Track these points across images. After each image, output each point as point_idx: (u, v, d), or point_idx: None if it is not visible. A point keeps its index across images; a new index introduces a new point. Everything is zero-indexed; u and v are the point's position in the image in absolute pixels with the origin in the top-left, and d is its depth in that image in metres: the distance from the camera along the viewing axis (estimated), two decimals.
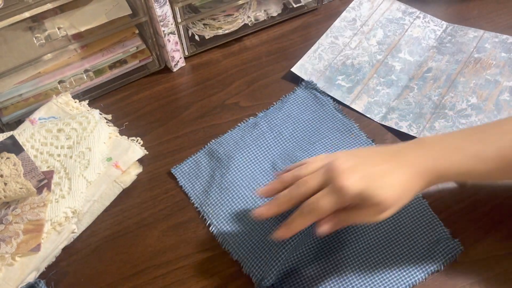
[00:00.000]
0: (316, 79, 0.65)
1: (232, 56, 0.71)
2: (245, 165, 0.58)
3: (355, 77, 0.65)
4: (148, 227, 0.54)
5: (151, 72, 0.69)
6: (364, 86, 0.64)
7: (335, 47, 0.69)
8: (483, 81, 0.63)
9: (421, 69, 0.66)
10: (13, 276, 0.49)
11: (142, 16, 0.61)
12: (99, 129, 0.57)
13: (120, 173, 0.56)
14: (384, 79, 0.65)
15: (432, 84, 0.64)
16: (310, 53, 0.68)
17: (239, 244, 0.52)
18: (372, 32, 0.71)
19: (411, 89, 0.64)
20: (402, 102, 0.62)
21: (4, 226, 0.50)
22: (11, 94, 0.59)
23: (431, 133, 0.59)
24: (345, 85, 0.65)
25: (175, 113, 0.65)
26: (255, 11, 0.72)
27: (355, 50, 0.69)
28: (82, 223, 0.54)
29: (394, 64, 0.67)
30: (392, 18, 0.72)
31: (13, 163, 0.52)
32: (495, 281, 0.49)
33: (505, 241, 0.51)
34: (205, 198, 0.56)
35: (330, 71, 0.66)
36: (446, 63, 0.66)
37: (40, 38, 0.57)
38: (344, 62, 0.67)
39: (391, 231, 0.52)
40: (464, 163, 0.42)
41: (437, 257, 0.49)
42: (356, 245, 0.51)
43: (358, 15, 0.73)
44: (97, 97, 0.67)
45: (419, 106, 0.62)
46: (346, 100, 0.63)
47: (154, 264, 0.52)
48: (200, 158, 0.59)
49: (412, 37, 0.70)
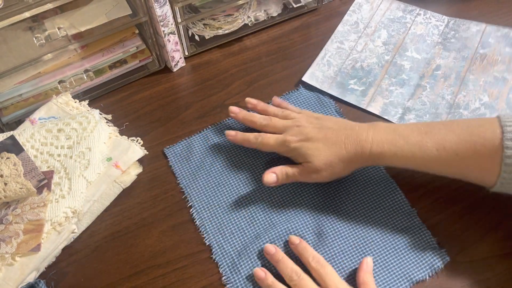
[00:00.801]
0: (328, 86, 0.65)
1: (232, 56, 0.71)
2: (236, 155, 0.59)
3: (366, 80, 0.65)
4: (148, 227, 0.54)
5: (151, 72, 0.69)
6: (377, 87, 0.64)
7: (342, 52, 0.69)
8: (491, 78, 0.63)
9: (430, 66, 0.66)
10: (13, 276, 0.49)
11: (142, 16, 0.61)
12: (99, 129, 0.57)
13: (120, 173, 0.56)
14: (395, 79, 0.65)
15: (443, 83, 0.64)
16: (318, 60, 0.68)
17: (215, 229, 0.53)
18: (376, 34, 0.70)
19: (424, 88, 0.64)
20: (417, 102, 0.62)
21: (4, 226, 0.50)
22: (11, 94, 0.59)
23: None
24: (358, 89, 0.64)
25: (175, 113, 0.65)
26: (255, 11, 0.72)
27: (362, 52, 0.68)
28: (82, 223, 0.54)
29: (403, 63, 0.67)
30: (393, 17, 0.72)
31: (13, 163, 0.52)
32: (495, 281, 0.49)
33: (505, 241, 0.51)
34: (192, 181, 0.57)
35: (341, 76, 0.66)
36: (453, 60, 0.66)
37: (40, 38, 0.57)
38: (354, 66, 0.67)
39: (378, 239, 0.51)
40: (405, 149, 0.48)
41: (422, 266, 0.49)
42: (341, 254, 0.51)
43: (360, 18, 0.73)
44: (97, 97, 0.67)
45: (434, 105, 0.62)
46: (361, 103, 0.63)
47: (154, 264, 0.52)
48: (193, 141, 0.61)
49: (416, 35, 0.70)
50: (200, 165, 0.59)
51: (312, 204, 0.54)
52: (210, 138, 0.61)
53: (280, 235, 0.52)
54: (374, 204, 0.54)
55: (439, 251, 0.50)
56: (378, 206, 0.54)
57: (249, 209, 0.54)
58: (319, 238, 0.52)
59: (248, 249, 0.51)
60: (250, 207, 0.55)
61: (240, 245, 0.52)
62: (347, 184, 0.56)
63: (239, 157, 0.59)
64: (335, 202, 0.54)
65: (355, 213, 0.53)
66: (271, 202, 0.55)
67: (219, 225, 0.54)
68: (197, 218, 0.54)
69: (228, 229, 0.53)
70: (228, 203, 0.55)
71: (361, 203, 0.54)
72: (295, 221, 0.53)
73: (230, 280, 0.49)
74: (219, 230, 0.53)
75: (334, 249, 0.51)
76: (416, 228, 0.52)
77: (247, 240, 0.52)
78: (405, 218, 0.53)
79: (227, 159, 0.59)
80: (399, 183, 0.56)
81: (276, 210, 0.54)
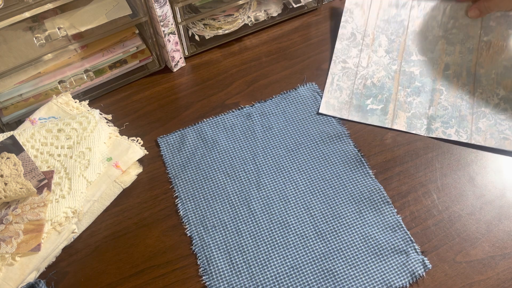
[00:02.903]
0: (347, 113, 0.62)
1: (232, 56, 0.71)
2: (227, 151, 0.60)
3: (382, 96, 0.63)
4: (148, 227, 0.54)
5: (151, 72, 0.69)
6: (395, 102, 0.62)
7: (349, 72, 0.66)
8: (502, 69, 0.63)
9: (439, 66, 0.65)
10: (13, 276, 0.49)
11: (142, 16, 0.61)
12: (99, 129, 0.57)
13: (120, 173, 0.56)
14: (409, 88, 0.63)
15: (457, 82, 0.63)
16: (328, 87, 0.65)
17: (198, 221, 0.54)
18: (376, 42, 0.68)
19: (440, 91, 0.62)
20: (438, 108, 0.61)
21: (4, 226, 0.50)
22: (11, 94, 0.59)
23: (480, 135, 0.58)
24: (377, 107, 0.62)
25: (175, 113, 0.65)
26: (255, 11, 0.72)
27: (369, 67, 0.66)
28: (82, 223, 0.54)
29: (412, 70, 0.65)
30: (388, 18, 0.70)
31: (13, 163, 0.52)
32: (495, 281, 0.49)
33: (505, 241, 0.51)
34: (181, 172, 0.58)
35: (356, 98, 0.63)
36: (459, 55, 0.65)
37: (40, 38, 0.57)
38: (365, 84, 0.64)
39: (362, 245, 0.51)
40: None
41: (404, 273, 0.49)
42: (322, 256, 0.51)
43: (355, 27, 0.70)
44: (97, 97, 0.67)
45: (456, 108, 0.61)
46: (385, 123, 0.61)
47: (154, 264, 0.52)
48: (187, 133, 0.61)
49: (416, 33, 0.68)
50: (191, 156, 0.59)
51: (297, 208, 0.55)
52: (204, 131, 0.61)
53: (262, 232, 0.53)
54: (358, 208, 0.54)
55: (421, 258, 0.50)
56: (362, 211, 0.54)
57: (233, 204, 0.55)
58: (301, 240, 0.52)
59: (228, 243, 0.52)
60: (234, 202, 0.55)
61: (221, 238, 0.53)
62: (338, 191, 0.56)
63: (230, 152, 0.60)
64: (321, 205, 0.55)
65: (339, 215, 0.54)
66: (256, 198, 0.55)
67: (202, 217, 0.54)
68: (181, 208, 0.55)
69: (210, 222, 0.54)
70: (213, 196, 0.56)
71: (346, 208, 0.54)
72: (278, 220, 0.54)
73: (207, 271, 0.50)
74: (201, 222, 0.54)
75: (316, 251, 0.51)
76: (401, 235, 0.52)
77: (228, 234, 0.53)
78: (390, 226, 0.53)
79: (218, 154, 0.59)
80: (386, 188, 0.56)
81: (259, 207, 0.55)
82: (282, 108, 0.63)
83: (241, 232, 0.53)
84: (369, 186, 0.56)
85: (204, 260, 0.51)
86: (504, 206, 0.54)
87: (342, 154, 0.59)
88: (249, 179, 0.57)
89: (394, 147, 0.59)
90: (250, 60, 0.70)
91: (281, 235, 0.52)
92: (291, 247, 0.52)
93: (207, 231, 0.53)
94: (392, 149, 0.59)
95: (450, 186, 0.56)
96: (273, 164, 0.58)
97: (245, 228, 0.53)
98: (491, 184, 0.56)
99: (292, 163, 0.58)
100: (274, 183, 0.57)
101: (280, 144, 0.60)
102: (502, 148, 0.57)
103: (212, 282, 0.50)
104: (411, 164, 0.58)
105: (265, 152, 0.59)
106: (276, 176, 0.57)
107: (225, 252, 0.51)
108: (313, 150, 0.59)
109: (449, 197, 0.55)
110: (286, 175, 0.57)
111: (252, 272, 0.50)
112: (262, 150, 0.60)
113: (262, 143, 0.60)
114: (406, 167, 0.58)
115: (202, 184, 0.57)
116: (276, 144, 0.60)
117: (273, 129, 0.61)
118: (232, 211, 0.55)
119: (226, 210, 0.55)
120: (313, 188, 0.56)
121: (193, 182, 0.57)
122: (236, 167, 0.58)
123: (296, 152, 0.59)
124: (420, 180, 0.56)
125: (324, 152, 0.59)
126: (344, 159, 0.58)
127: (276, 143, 0.60)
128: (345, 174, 0.57)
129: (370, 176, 0.57)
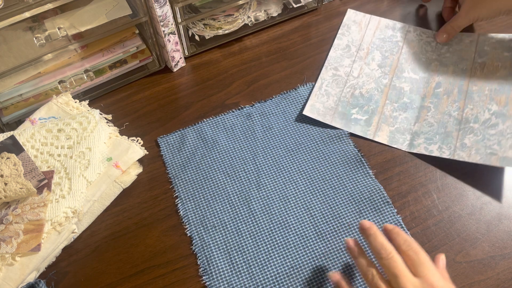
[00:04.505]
0: (330, 118, 0.61)
1: (232, 56, 0.71)
2: (227, 151, 0.60)
3: (368, 108, 0.62)
4: (148, 227, 0.54)
5: (151, 72, 0.69)
6: (380, 115, 0.61)
7: (339, 79, 0.65)
8: (496, 85, 0.61)
9: (430, 85, 0.64)
10: (13, 276, 0.49)
11: (142, 16, 0.61)
12: (99, 129, 0.57)
13: (120, 173, 0.56)
14: (397, 103, 0.63)
15: (446, 99, 0.62)
16: (316, 91, 0.64)
17: (198, 221, 0.54)
18: (370, 56, 0.68)
19: (428, 108, 0.61)
20: (424, 124, 0.60)
21: (5, 226, 0.50)
22: (11, 94, 0.59)
23: (464, 151, 0.56)
24: (362, 118, 0.61)
25: (175, 113, 0.65)
26: (255, 11, 0.72)
27: (359, 78, 0.65)
28: (82, 223, 0.54)
29: (402, 86, 0.64)
30: (384, 37, 0.70)
31: (13, 163, 0.52)
32: (495, 281, 0.49)
33: (505, 241, 0.51)
34: (181, 172, 0.58)
35: (342, 106, 0.63)
36: (452, 74, 0.64)
37: (40, 38, 0.57)
38: (353, 93, 0.64)
39: (362, 245, 0.51)
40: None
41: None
42: (321, 259, 0.51)
43: (350, 40, 0.70)
44: (97, 97, 0.67)
45: (442, 125, 0.59)
46: (367, 134, 0.60)
47: (154, 264, 0.52)
48: (187, 133, 0.61)
49: (410, 53, 0.68)
50: (191, 156, 0.59)
51: (297, 208, 0.55)
52: (204, 131, 0.61)
53: (262, 232, 0.53)
54: (358, 208, 0.54)
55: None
56: (362, 211, 0.54)
57: (233, 204, 0.55)
58: (301, 240, 0.52)
59: (228, 243, 0.52)
60: (234, 202, 0.55)
61: (221, 238, 0.53)
62: (338, 191, 0.56)
63: (230, 152, 0.60)
64: (321, 205, 0.55)
65: (339, 216, 0.54)
66: (256, 198, 0.55)
67: (202, 217, 0.54)
68: (181, 208, 0.55)
69: (210, 222, 0.54)
70: (213, 196, 0.56)
71: (346, 208, 0.54)
72: (278, 220, 0.54)
73: (207, 271, 0.50)
74: (201, 222, 0.54)
75: (316, 251, 0.51)
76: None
77: (228, 234, 0.53)
78: (389, 223, 0.52)
79: (218, 154, 0.59)
80: (386, 188, 0.56)
81: (259, 207, 0.55)
82: (282, 108, 0.63)
83: (241, 232, 0.53)
84: (369, 186, 0.56)
85: (204, 260, 0.51)
86: (504, 206, 0.54)
87: (342, 154, 0.59)
88: (249, 179, 0.57)
89: (394, 147, 0.59)
90: (250, 60, 0.70)
91: (281, 235, 0.52)
92: (291, 247, 0.52)
93: (207, 231, 0.53)
94: (392, 149, 0.59)
95: (450, 186, 0.56)
96: (273, 164, 0.58)
97: (245, 228, 0.53)
98: (491, 184, 0.56)
99: (292, 163, 0.58)
100: (274, 183, 0.57)
101: (280, 144, 0.60)
102: (488, 164, 0.54)
103: (212, 282, 0.50)
104: (411, 164, 0.58)
105: (265, 152, 0.59)
106: (276, 176, 0.57)
107: (225, 252, 0.51)
108: (313, 150, 0.59)
109: (449, 197, 0.55)
110: (286, 175, 0.57)
111: (252, 272, 0.50)
112: (262, 150, 0.60)
113: (262, 143, 0.60)
114: (406, 167, 0.58)
115: (202, 184, 0.57)
116: (276, 144, 0.60)
117: (273, 129, 0.61)
118: (232, 211, 0.55)
119: (226, 210, 0.55)
120: (313, 188, 0.56)
121: (193, 182, 0.57)
122: (236, 167, 0.58)
123: (296, 152, 0.59)
124: (420, 180, 0.56)
125: (324, 152, 0.59)
126: (344, 159, 0.58)
127: (276, 143, 0.60)
128: (345, 174, 0.57)
129: (370, 176, 0.57)
